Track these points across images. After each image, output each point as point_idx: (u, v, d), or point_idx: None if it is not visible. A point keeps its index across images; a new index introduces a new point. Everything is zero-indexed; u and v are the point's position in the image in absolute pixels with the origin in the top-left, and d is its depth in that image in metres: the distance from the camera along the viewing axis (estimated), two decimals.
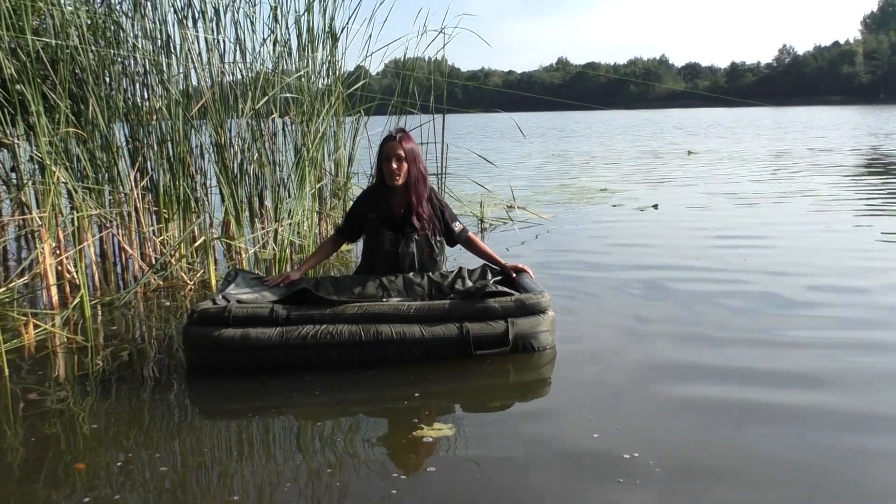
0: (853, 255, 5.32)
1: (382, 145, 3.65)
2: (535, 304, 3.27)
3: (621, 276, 4.81)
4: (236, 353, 3.07)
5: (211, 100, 5.12)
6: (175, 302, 4.44)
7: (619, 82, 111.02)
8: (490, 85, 17.87)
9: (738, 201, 8.42)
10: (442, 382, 3.02)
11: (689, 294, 4.30)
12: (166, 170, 5.13)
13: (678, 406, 2.72)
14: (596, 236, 6.40)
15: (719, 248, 5.64)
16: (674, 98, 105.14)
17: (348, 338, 3.10)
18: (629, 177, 11.62)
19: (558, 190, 9.95)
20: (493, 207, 7.59)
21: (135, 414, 2.76)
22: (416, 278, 3.48)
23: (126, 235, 5.09)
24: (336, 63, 5.71)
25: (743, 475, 2.18)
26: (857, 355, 3.21)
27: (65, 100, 4.56)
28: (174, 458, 2.40)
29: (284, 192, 5.52)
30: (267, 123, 5.51)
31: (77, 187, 4.59)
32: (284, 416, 2.73)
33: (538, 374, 3.16)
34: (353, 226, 3.82)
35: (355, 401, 2.89)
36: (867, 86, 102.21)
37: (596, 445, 2.42)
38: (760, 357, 3.21)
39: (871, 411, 2.62)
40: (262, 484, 2.21)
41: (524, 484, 2.21)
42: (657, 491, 2.09)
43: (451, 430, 2.56)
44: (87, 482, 2.24)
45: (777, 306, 4.00)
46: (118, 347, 3.57)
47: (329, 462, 2.36)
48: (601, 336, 3.59)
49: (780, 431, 2.47)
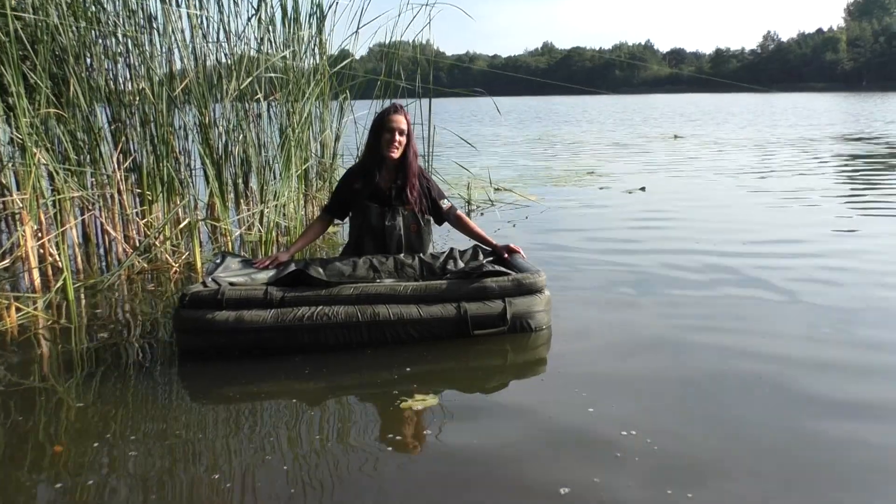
0: (848, 238, 5.34)
1: (384, 116, 3.62)
2: (531, 283, 3.25)
3: (611, 257, 4.80)
4: (230, 336, 3.02)
5: (195, 80, 5.04)
6: (160, 285, 4.38)
7: (605, 67, 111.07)
8: (475, 69, 17.77)
9: (724, 183, 8.43)
10: (436, 361, 2.99)
11: (680, 274, 4.30)
12: (149, 151, 5.05)
13: (674, 384, 2.71)
14: (584, 218, 6.39)
15: (707, 229, 5.64)
16: (659, 83, 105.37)
17: (345, 319, 3.06)
18: (616, 160, 11.62)
19: (545, 173, 9.92)
20: (480, 190, 7.55)
21: (119, 396, 2.71)
22: (408, 259, 3.44)
23: (109, 218, 5.01)
24: (323, 42, 5.64)
25: (739, 453, 2.17)
26: (855, 335, 3.22)
27: (45, 80, 4.47)
28: (157, 440, 2.35)
29: (270, 174, 5.46)
30: (252, 105, 5.44)
31: (58, 169, 4.51)
32: (272, 396, 2.69)
33: (533, 352, 3.14)
34: (342, 202, 3.77)
35: (347, 379, 2.85)
36: (850, 73, 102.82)
37: (591, 421, 2.40)
38: (754, 335, 3.21)
39: (864, 395, 2.63)
40: (248, 463, 2.17)
41: (516, 456, 2.20)
42: (654, 467, 2.08)
43: (435, 400, 2.57)
44: (64, 465, 2.19)
45: (768, 285, 4.00)
46: (102, 330, 3.52)
47: (316, 439, 2.34)
48: (593, 316, 3.58)
49: (776, 410, 2.47)
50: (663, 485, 1.98)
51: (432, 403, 2.57)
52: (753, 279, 4.16)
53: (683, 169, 10.11)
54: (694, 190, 8.08)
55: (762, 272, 4.30)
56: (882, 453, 2.18)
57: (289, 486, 2.05)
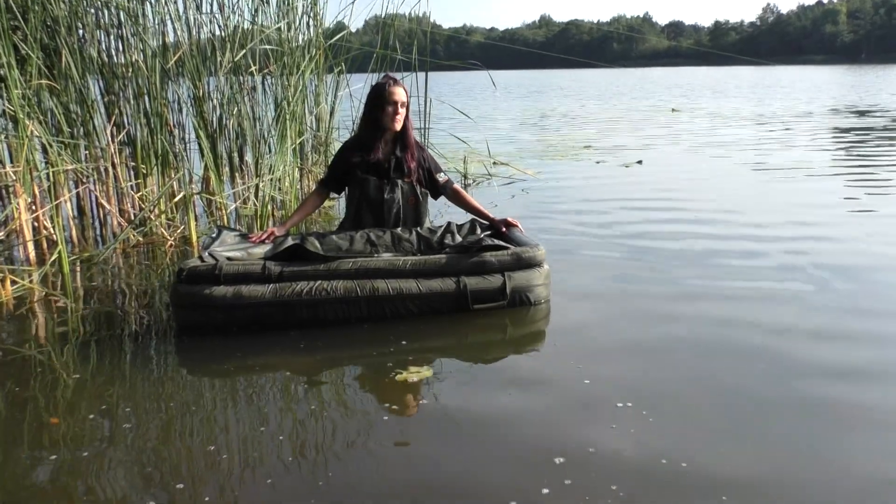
0: (840, 210, 5.34)
1: (383, 89, 3.59)
2: (531, 257, 3.23)
3: (609, 230, 4.79)
4: (228, 312, 3.00)
5: (188, 52, 4.98)
6: (155, 258, 4.37)
7: (603, 40, 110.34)
8: (472, 42, 17.59)
9: (721, 157, 8.40)
10: (435, 335, 2.99)
11: (677, 246, 4.29)
12: (143, 124, 5.01)
13: (672, 357, 2.71)
14: (581, 192, 6.37)
15: (704, 203, 5.63)
16: (657, 56, 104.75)
17: (343, 294, 3.04)
18: (613, 133, 11.57)
19: (542, 146, 9.88)
20: (477, 164, 7.52)
21: (115, 369, 2.71)
22: (405, 233, 3.42)
23: (103, 191, 4.98)
24: (317, 14, 5.58)
25: (736, 425, 2.18)
26: (845, 306, 3.22)
27: (37, 51, 4.42)
28: (153, 412, 2.35)
29: (265, 148, 5.42)
30: (246, 78, 5.38)
31: (52, 141, 4.47)
32: (268, 369, 2.70)
33: (532, 326, 3.14)
34: (338, 176, 3.74)
35: (344, 353, 2.85)
36: (850, 45, 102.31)
37: (588, 393, 2.41)
38: (753, 307, 3.22)
39: (857, 363, 2.64)
40: (245, 435, 2.18)
41: (512, 426, 2.21)
42: (649, 439, 2.08)
43: (429, 372, 2.58)
44: (60, 437, 2.19)
45: (765, 256, 4.00)
46: (98, 304, 3.51)
47: (313, 410, 2.35)
48: (592, 289, 3.57)
49: (775, 382, 2.47)
50: (658, 455, 1.99)
51: (427, 375, 2.57)
52: (751, 252, 4.15)
53: (681, 142, 10.07)
54: (691, 163, 8.05)
55: (759, 244, 4.30)
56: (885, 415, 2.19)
57: (285, 455, 2.06)
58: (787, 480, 1.88)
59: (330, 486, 1.90)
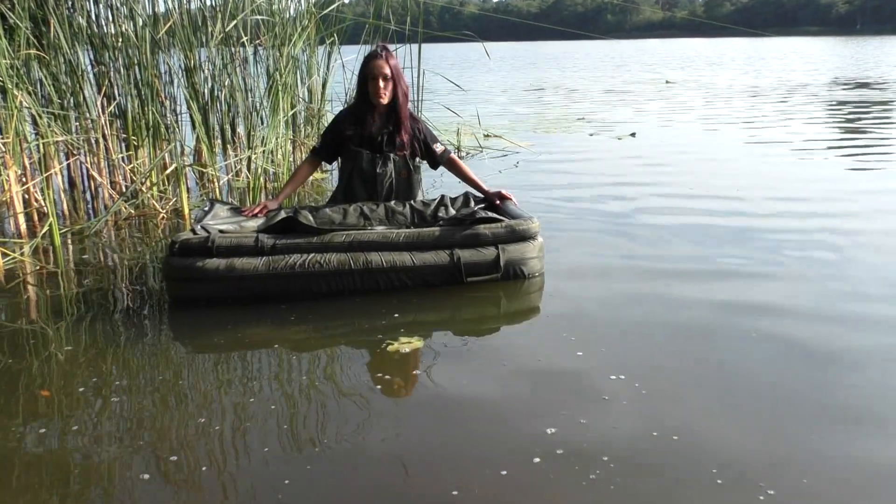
0: (835, 186, 5.34)
1: (367, 62, 3.53)
2: (524, 230, 3.23)
3: (603, 204, 4.78)
4: (221, 284, 3.00)
5: (179, 22, 4.92)
6: (147, 231, 4.35)
7: (597, 11, 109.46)
8: (466, 13, 17.43)
9: (715, 130, 8.38)
10: (428, 307, 3.00)
11: (671, 220, 4.30)
12: (134, 95, 4.96)
13: (665, 330, 2.72)
14: (574, 165, 6.35)
15: (698, 176, 5.63)
16: (652, 28, 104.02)
17: (337, 266, 3.04)
18: (606, 106, 11.52)
19: (535, 119, 9.84)
20: (470, 136, 7.49)
21: (107, 342, 2.71)
22: (398, 206, 3.41)
23: (95, 163, 4.95)
24: None
25: (729, 399, 2.19)
26: (841, 285, 3.24)
27: (25, 20, 4.36)
28: (145, 385, 2.36)
29: (257, 119, 5.38)
30: (238, 49, 5.33)
31: (41, 112, 4.43)
32: (261, 342, 2.70)
33: (526, 299, 3.15)
34: (330, 146, 3.71)
35: (336, 326, 2.86)
36: (844, 16, 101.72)
37: (580, 365, 2.42)
38: (748, 282, 3.22)
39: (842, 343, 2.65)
40: (237, 406, 2.19)
41: (504, 396, 2.23)
42: (641, 411, 2.10)
43: (420, 343, 2.60)
44: (52, 410, 2.20)
45: (759, 231, 4.01)
46: (90, 276, 3.50)
47: (304, 380, 2.36)
48: (586, 262, 3.58)
49: (768, 356, 2.48)
50: (649, 427, 2.00)
51: (419, 346, 2.59)
52: (744, 227, 4.16)
53: (675, 115, 10.04)
54: (685, 136, 8.04)
55: (752, 220, 4.31)
56: (874, 397, 2.21)
57: (278, 425, 2.07)
58: (777, 454, 1.89)
59: (323, 455, 1.91)
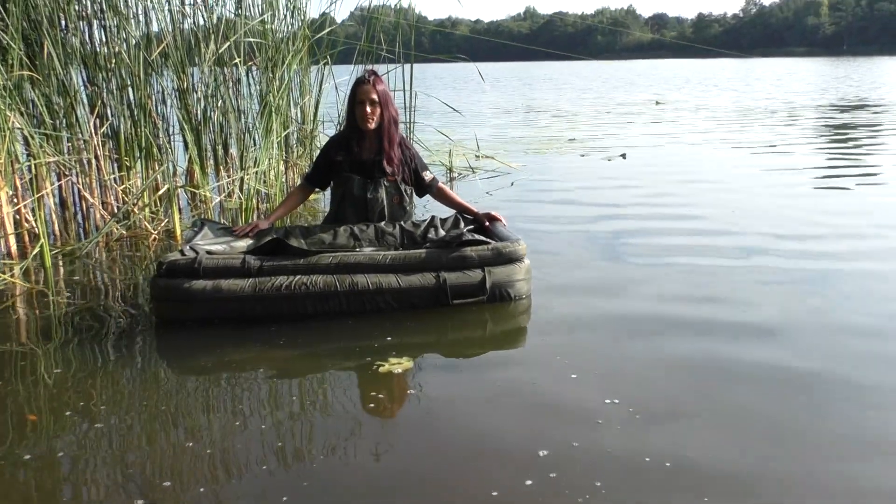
0: (829, 214, 5.39)
1: (355, 88, 3.56)
2: (511, 252, 3.24)
3: (593, 225, 4.81)
4: (207, 305, 3.00)
5: (172, 44, 4.95)
6: (139, 252, 4.35)
7: (587, 33, 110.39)
8: (457, 34, 17.58)
9: (705, 150, 8.45)
10: (415, 329, 3.01)
11: (661, 242, 4.32)
12: (127, 116, 4.97)
13: (660, 355, 2.71)
14: (565, 186, 6.38)
15: (689, 197, 5.67)
16: (641, 49, 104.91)
17: (323, 288, 3.05)
18: (597, 127, 11.60)
19: (526, 139, 9.89)
20: (461, 157, 7.52)
21: (96, 364, 2.71)
22: (388, 227, 3.43)
23: (86, 183, 4.94)
24: (301, 9, 5.55)
25: (724, 426, 2.18)
26: (832, 305, 3.26)
27: (18, 41, 4.37)
28: (134, 408, 2.35)
29: (250, 141, 5.40)
30: (230, 70, 5.35)
31: (33, 133, 4.43)
32: (249, 364, 2.69)
33: (514, 321, 3.16)
34: (322, 172, 3.72)
35: (325, 348, 2.86)
36: (831, 37, 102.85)
37: (574, 388, 2.43)
38: (741, 306, 3.23)
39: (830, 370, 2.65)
40: (226, 429, 2.18)
41: (496, 418, 2.23)
42: (634, 436, 2.10)
43: (409, 363, 2.62)
44: (38, 434, 2.19)
45: (752, 252, 4.03)
46: (80, 298, 3.49)
47: (294, 402, 2.37)
48: (575, 285, 3.59)
49: (759, 380, 2.48)
50: (642, 453, 2.00)
51: (409, 367, 2.60)
52: (735, 248, 4.18)
53: (665, 136, 10.11)
54: (675, 157, 8.10)
55: (744, 240, 4.33)
56: (871, 426, 2.21)
57: (268, 448, 2.07)
58: (770, 483, 1.88)
59: (314, 479, 1.91)
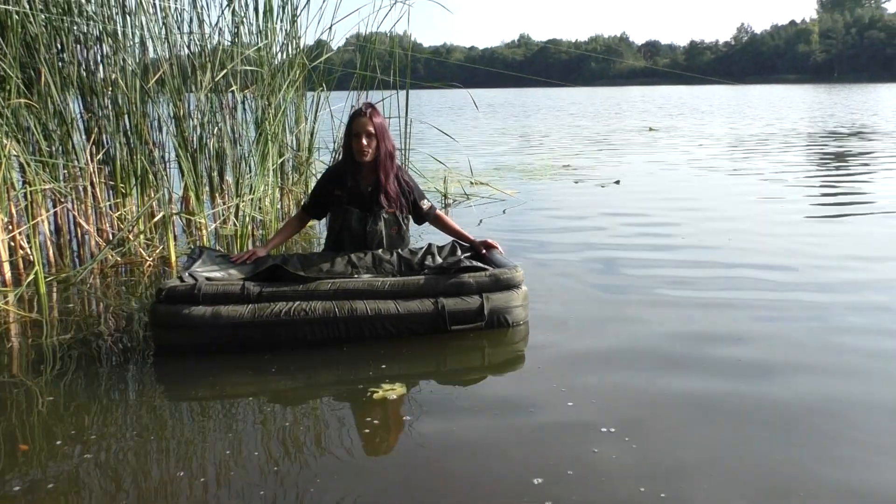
0: (826, 244, 5.42)
1: (351, 121, 3.58)
2: (509, 279, 3.26)
3: (586, 252, 4.82)
4: (207, 332, 3.00)
5: (169, 72, 4.98)
6: (134, 278, 4.34)
7: (580, 59, 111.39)
8: (452, 61, 17.69)
9: (699, 177, 8.50)
10: (413, 356, 3.01)
11: (657, 268, 4.33)
12: (123, 143, 4.99)
13: (656, 383, 2.71)
14: (560, 212, 6.40)
15: (683, 223, 5.69)
16: (634, 75, 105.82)
17: (322, 314, 3.05)
18: (591, 153, 11.66)
19: (521, 166, 9.94)
20: (457, 183, 7.55)
21: (89, 392, 2.69)
22: (386, 255, 3.43)
23: (82, 210, 4.95)
24: (297, 37, 5.60)
25: (721, 458, 2.17)
26: (834, 326, 3.27)
27: (15, 69, 4.40)
28: (127, 437, 2.34)
29: (245, 168, 5.41)
30: (226, 97, 5.38)
31: (29, 160, 4.44)
32: (246, 391, 2.69)
33: (511, 347, 3.16)
34: (320, 203, 3.74)
35: (322, 375, 2.85)
36: (822, 64, 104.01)
37: (570, 416, 2.43)
38: (738, 333, 3.22)
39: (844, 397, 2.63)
40: (221, 458, 2.17)
41: (492, 446, 2.24)
42: (630, 466, 2.10)
43: (402, 389, 2.63)
44: (30, 464, 2.17)
45: (748, 282, 4.04)
46: (74, 325, 3.48)
47: (288, 429, 2.35)
48: (572, 311, 3.59)
49: (757, 409, 2.47)
50: (637, 482, 2.00)
51: (404, 393, 2.61)
52: (729, 275, 4.20)
53: (658, 162, 10.17)
54: (669, 183, 8.14)
55: (737, 269, 4.33)
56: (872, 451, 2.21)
57: (261, 477, 2.06)
58: None
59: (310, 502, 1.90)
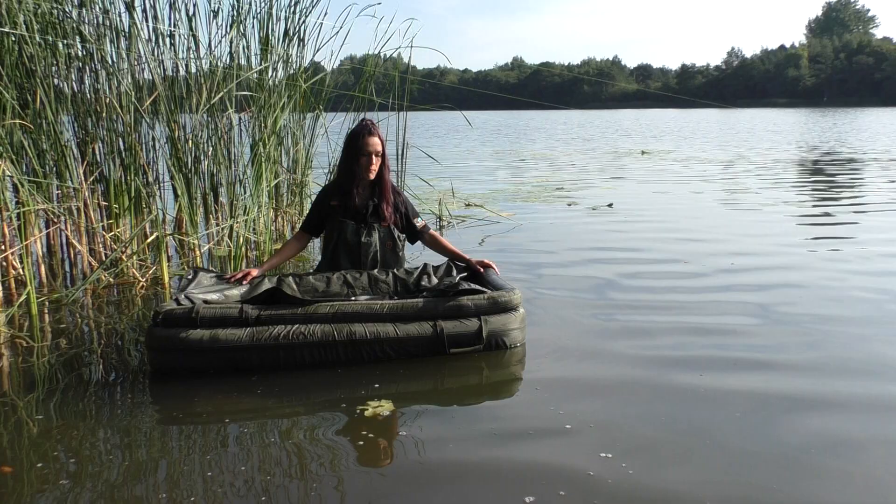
0: (817, 252, 5.44)
1: (360, 139, 3.61)
2: (507, 301, 3.25)
3: (582, 273, 4.82)
4: (205, 355, 2.97)
5: (163, 94, 4.98)
6: (126, 300, 4.31)
7: (573, 82, 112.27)
8: (446, 83, 17.82)
9: (692, 200, 8.53)
10: (411, 378, 2.98)
11: (651, 291, 4.32)
12: (117, 164, 4.98)
13: (653, 406, 2.69)
14: (554, 235, 6.41)
15: (677, 246, 5.70)
16: (626, 98, 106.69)
17: (321, 338, 3.03)
18: (584, 176, 11.70)
19: (515, 188, 9.96)
20: (451, 206, 7.56)
21: (80, 414, 2.66)
22: (381, 275, 3.43)
23: (75, 231, 4.93)
24: (294, 60, 5.63)
25: (719, 485, 2.14)
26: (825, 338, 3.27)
27: (11, 90, 4.40)
28: (116, 460, 2.31)
29: (240, 189, 5.41)
30: (222, 119, 5.39)
31: (23, 181, 4.42)
32: (239, 412, 2.65)
33: (509, 370, 3.14)
34: (317, 217, 3.77)
35: (318, 397, 2.82)
36: (811, 89, 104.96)
37: (567, 439, 2.41)
38: (735, 356, 3.22)
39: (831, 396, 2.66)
40: (211, 484, 2.14)
41: (486, 465, 2.23)
42: (624, 490, 2.07)
43: (401, 410, 2.64)
44: (9, 488, 2.13)
45: (742, 304, 4.04)
46: (66, 346, 3.45)
47: (283, 457, 2.32)
48: (569, 334, 3.57)
49: (759, 440, 2.43)
50: None
51: (399, 413, 2.61)
52: (725, 298, 4.19)
53: (651, 185, 10.22)
54: (662, 206, 8.17)
55: (732, 292, 4.33)
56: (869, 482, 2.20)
57: (251, 498, 2.04)
58: None
59: None
